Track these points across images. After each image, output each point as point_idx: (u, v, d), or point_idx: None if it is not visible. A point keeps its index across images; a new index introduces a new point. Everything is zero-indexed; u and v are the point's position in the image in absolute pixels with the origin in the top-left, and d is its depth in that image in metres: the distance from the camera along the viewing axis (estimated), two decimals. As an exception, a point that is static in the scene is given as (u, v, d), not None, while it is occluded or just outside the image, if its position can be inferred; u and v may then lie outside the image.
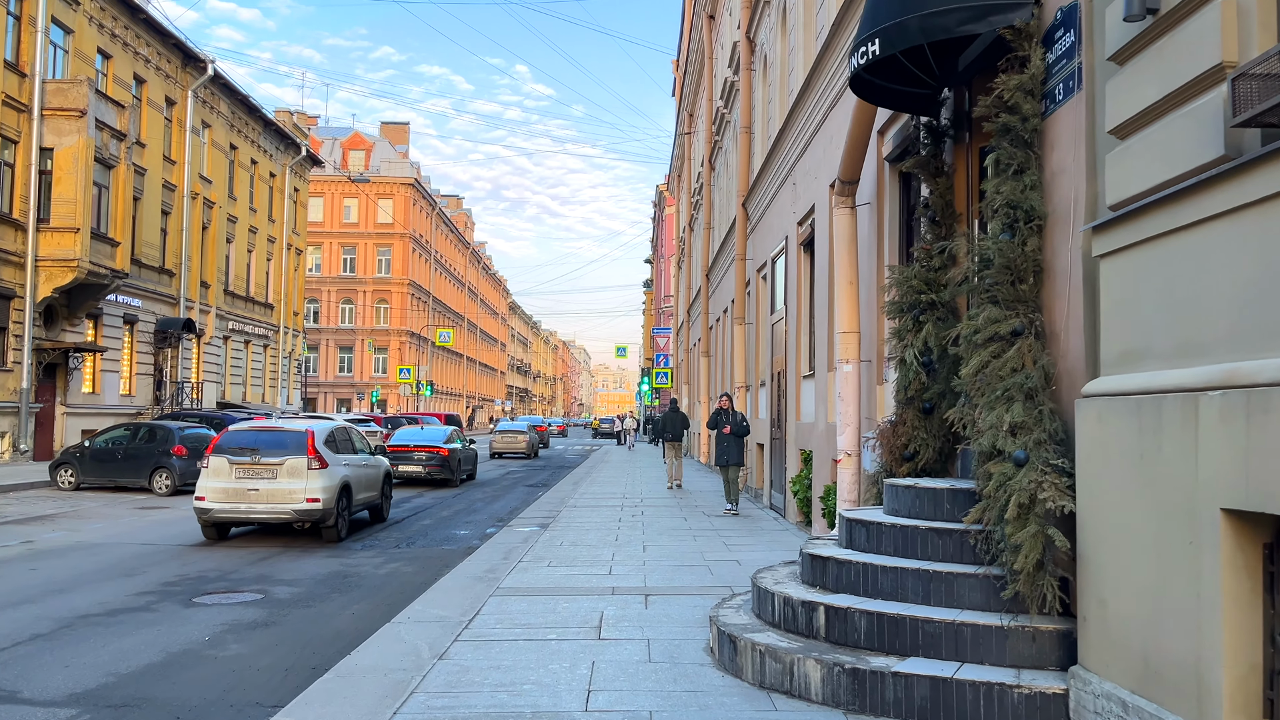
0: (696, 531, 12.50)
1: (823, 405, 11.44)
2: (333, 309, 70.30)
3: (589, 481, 21.73)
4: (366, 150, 74.23)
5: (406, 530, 14.32)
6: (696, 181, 32.36)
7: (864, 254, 9.38)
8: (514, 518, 15.29)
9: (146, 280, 31.75)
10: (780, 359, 14.72)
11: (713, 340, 27.01)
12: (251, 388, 41.50)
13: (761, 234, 17.07)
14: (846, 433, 9.07)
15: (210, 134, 36.59)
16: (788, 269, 14.06)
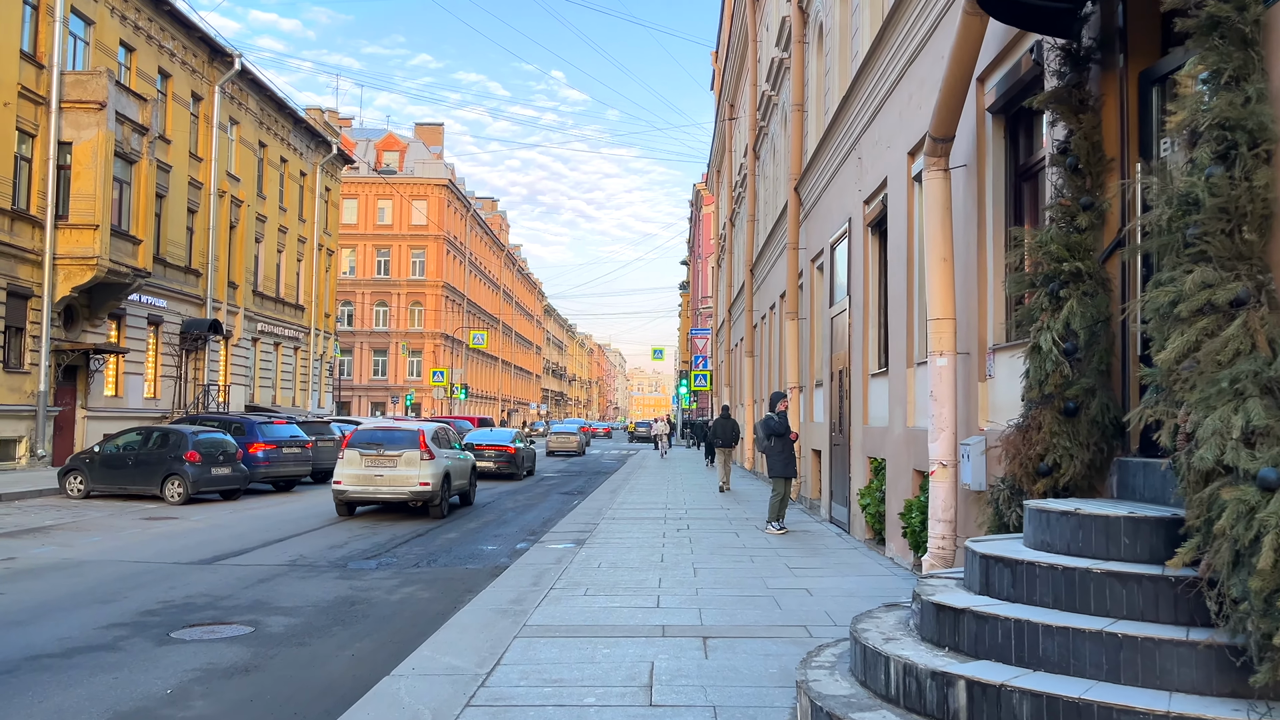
0: (752, 551, 11.02)
1: (900, 407, 9.92)
2: (367, 311, 69.59)
3: (627, 490, 20.31)
4: (401, 151, 73.53)
5: (432, 543, 12.99)
6: (738, 174, 30.86)
7: (958, 226, 7.87)
8: (547, 530, 13.90)
9: (172, 280, 30.85)
10: (842, 356, 13.21)
11: (757, 339, 25.48)
12: (281, 390, 40.60)
13: (817, 220, 15.56)
14: (941, 439, 7.56)
15: (238, 131, 35.71)
16: (851, 254, 12.55)
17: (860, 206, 12.05)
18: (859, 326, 12.08)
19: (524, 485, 24.73)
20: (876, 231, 11.74)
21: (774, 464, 13.13)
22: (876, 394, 11.42)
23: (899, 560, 9.86)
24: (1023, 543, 4.83)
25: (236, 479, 18.43)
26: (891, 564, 9.95)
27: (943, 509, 7.58)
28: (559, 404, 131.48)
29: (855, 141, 12.34)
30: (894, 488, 10.11)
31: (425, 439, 16.22)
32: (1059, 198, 5.50)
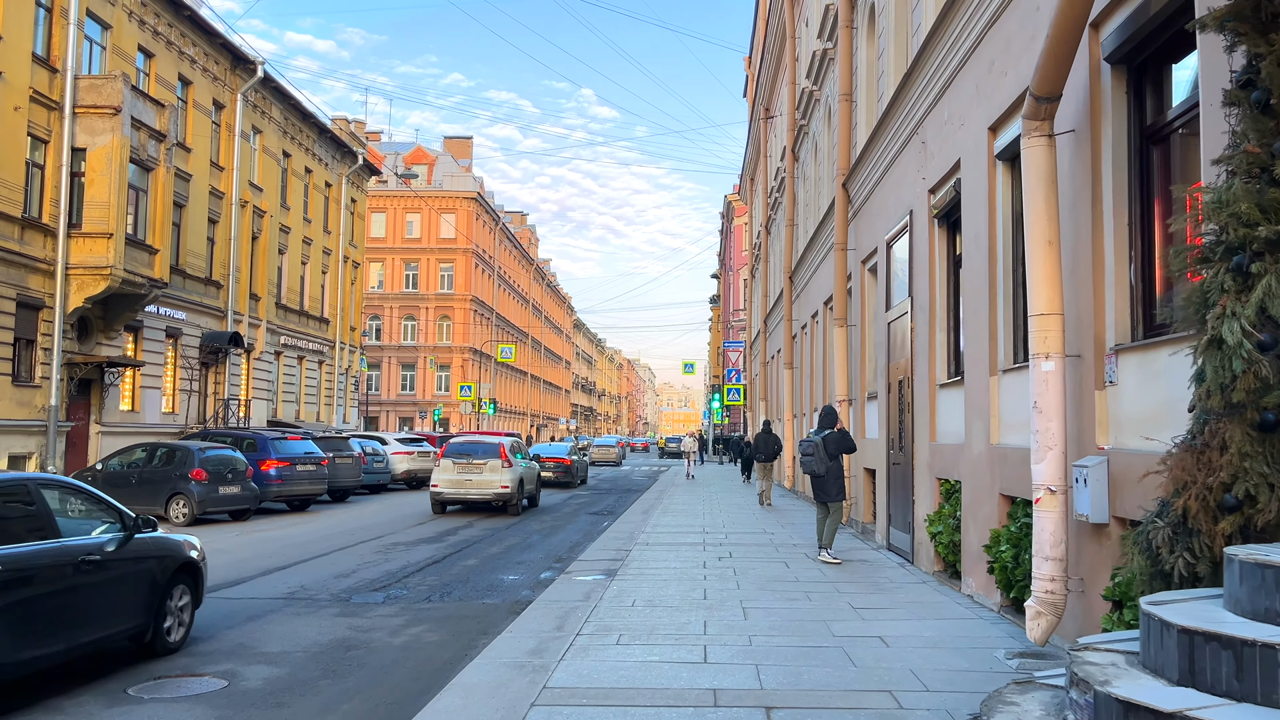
0: (807, 585, 9.69)
1: (980, 421, 8.58)
2: (395, 326, 68.93)
3: (660, 510, 19.01)
4: (429, 164, 72.96)
5: (448, 571, 11.77)
6: (774, 179, 29.59)
7: (1065, 204, 6.56)
8: (575, 557, 12.65)
9: (191, 292, 30.03)
10: (902, 365, 11.87)
11: (797, 350, 24.14)
12: (306, 405, 39.74)
13: (869, 217, 14.26)
14: (1048, 460, 6.23)
15: (261, 140, 34.97)
16: (913, 251, 11.23)
17: (924, 197, 10.74)
18: (924, 331, 10.75)
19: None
20: (944, 223, 10.42)
21: (829, 486, 11.75)
22: (947, 407, 10.07)
23: (981, 599, 8.49)
24: (1224, 605, 3.50)
25: (246, 498, 17.36)
26: (972, 603, 8.59)
27: (1050, 545, 6.23)
28: (588, 419, 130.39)
29: (917, 125, 11.04)
30: (973, 515, 8.75)
31: (505, 450, 19.57)
32: (1241, 144, 4.18)
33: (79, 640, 6.44)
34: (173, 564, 7.59)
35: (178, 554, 7.72)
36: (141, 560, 7.20)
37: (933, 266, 10.56)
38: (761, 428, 22.23)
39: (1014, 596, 7.50)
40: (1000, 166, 8.32)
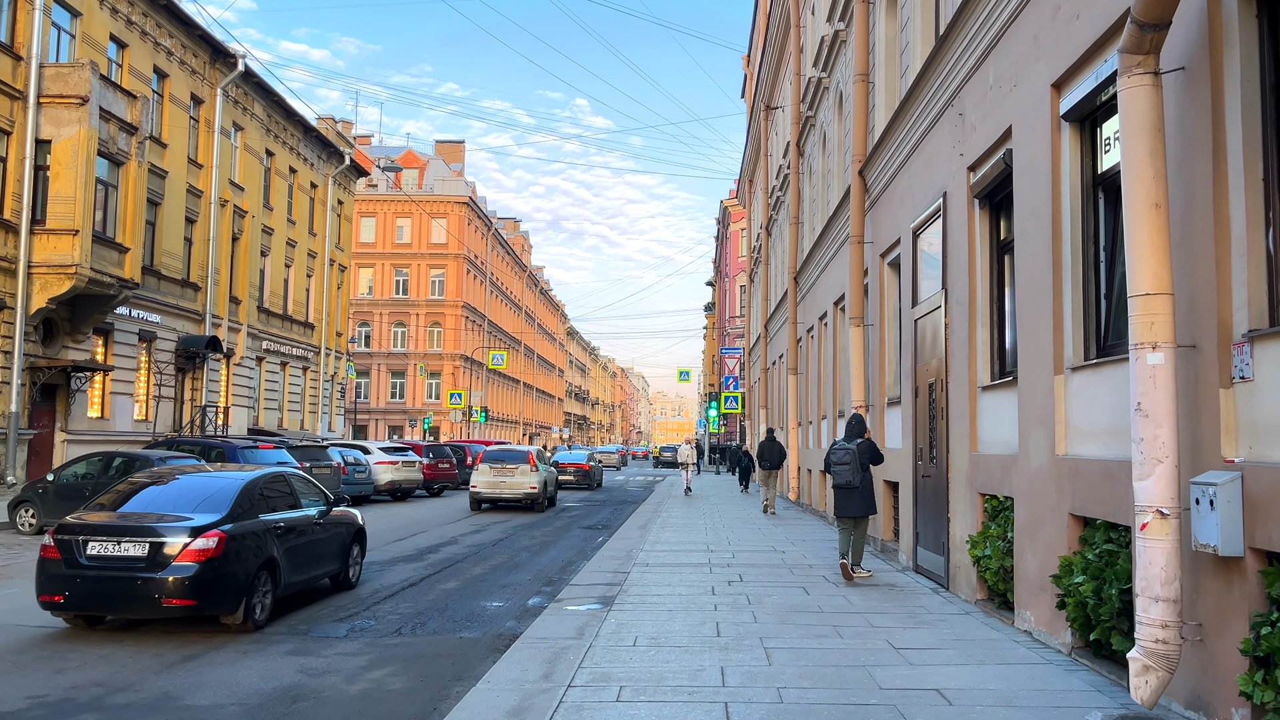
0: (833, 617, 8.42)
1: (1041, 428, 7.33)
2: (384, 332, 67.58)
3: (659, 525, 17.72)
4: (420, 168, 71.76)
5: (424, 595, 10.46)
6: (777, 178, 28.41)
7: (1173, 159, 5.33)
8: (567, 580, 11.37)
9: (167, 294, 28.72)
10: (932, 366, 10.63)
11: (802, 354, 22.90)
12: (289, 413, 38.39)
13: (889, 205, 13.04)
14: (1157, 475, 4.99)
15: (243, 137, 33.70)
16: (948, 238, 10.00)
17: (961, 175, 9.52)
18: (961, 327, 9.51)
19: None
20: (987, 204, 9.19)
21: (860, 499, 10.54)
22: (991, 412, 8.82)
23: (1043, 637, 7.23)
24: None
25: (211, 512, 15.98)
26: (1032, 641, 7.32)
27: (1161, 582, 4.98)
28: (581, 428, 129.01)
29: (953, 96, 9.82)
30: (1030, 538, 7.49)
31: (534, 458, 23.38)
32: None
33: (312, 574, 10.05)
34: (352, 529, 11.12)
35: (355, 522, 11.23)
36: (338, 525, 10.72)
37: (972, 254, 9.32)
38: (765, 436, 21.95)
39: (1094, 638, 6.24)
40: (1067, 130, 7.09)
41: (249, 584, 8.56)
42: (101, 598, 8.24)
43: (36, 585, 8.35)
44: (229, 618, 8.46)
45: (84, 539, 8.24)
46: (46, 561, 8.32)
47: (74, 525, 8.40)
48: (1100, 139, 6.86)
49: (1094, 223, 6.89)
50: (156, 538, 8.19)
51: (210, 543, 8.21)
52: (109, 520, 8.51)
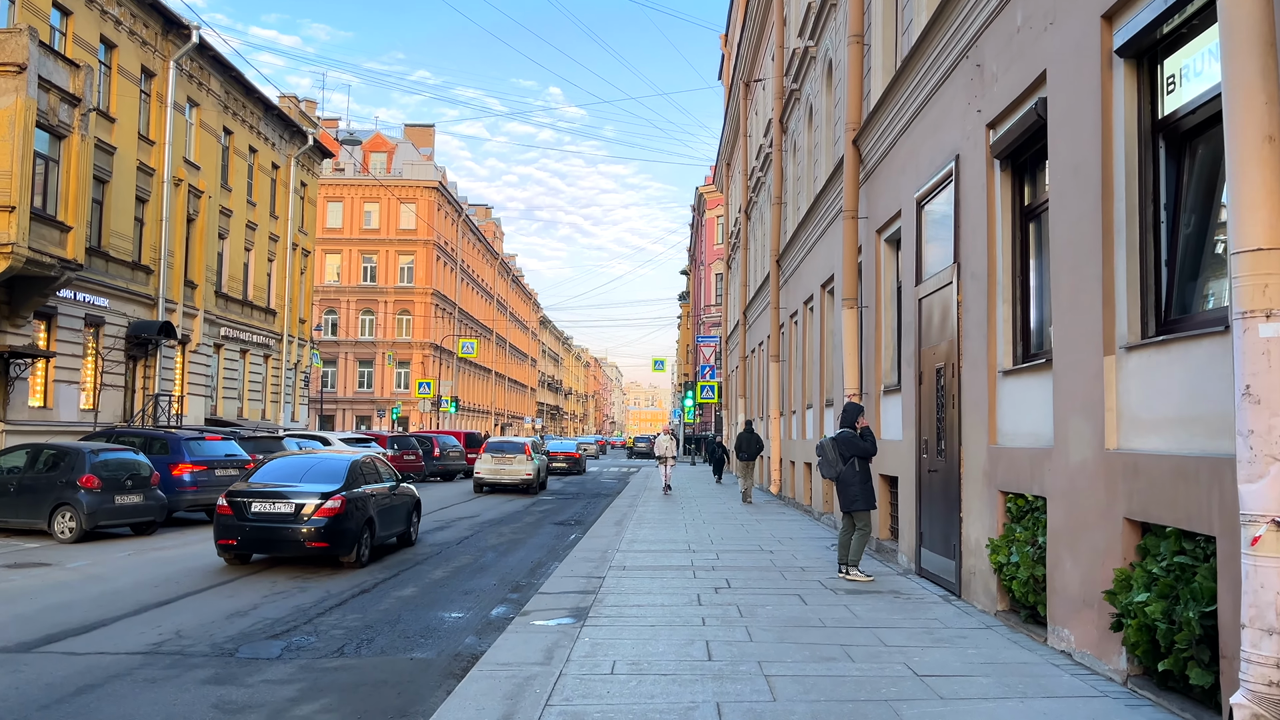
0: (839, 633, 7.38)
1: (1086, 418, 6.32)
2: (352, 320, 65.99)
3: (635, 521, 16.66)
4: (389, 152, 70.11)
5: (374, 606, 9.33)
6: (758, 158, 27.36)
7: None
8: (536, 585, 10.29)
9: (116, 276, 27.20)
10: (940, 349, 9.61)
11: (785, 341, 21.89)
12: (249, 402, 36.90)
13: (889, 175, 12.00)
14: (1273, 475, 3.97)
15: (198, 114, 32.13)
16: (961, 205, 8.97)
17: (979, 134, 8.48)
18: (977, 305, 8.49)
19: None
20: (1009, 164, 8.16)
21: (853, 494, 9.70)
22: (1016, 399, 7.81)
23: (1089, 660, 6.23)
24: None
25: (150, 509, 14.78)
26: (1073, 664, 6.32)
27: (1277, 611, 3.96)
28: (554, 418, 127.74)
29: (967, 46, 8.77)
30: (1071, 544, 6.49)
31: (529, 449, 27.48)
32: None
33: (392, 531, 13.41)
34: (414, 500, 14.59)
35: (415, 495, 14.74)
36: (405, 496, 14.08)
37: (991, 221, 8.29)
38: (743, 427, 22.57)
39: (1164, 668, 5.22)
40: (1121, 68, 6.05)
41: (359, 534, 12.00)
42: (262, 542, 11.71)
43: (215, 533, 11.89)
44: (346, 557, 11.90)
45: (249, 501, 11.70)
46: (222, 517, 11.73)
47: (241, 491, 11.94)
48: (1161, 78, 5.84)
49: (1153, 177, 5.87)
50: (300, 499, 11.68)
51: (336, 504, 11.68)
52: (265, 487, 11.98)
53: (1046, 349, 7.39)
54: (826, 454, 10.00)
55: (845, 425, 10.02)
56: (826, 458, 10.01)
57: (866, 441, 9.89)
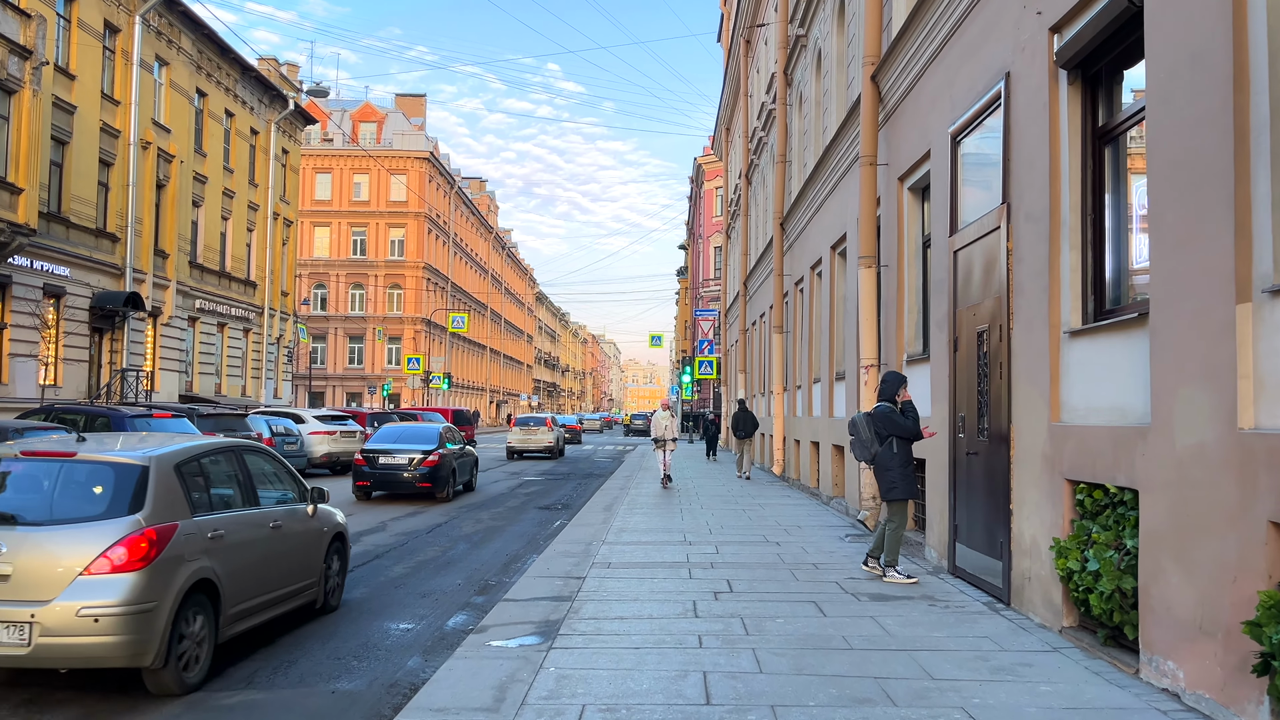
0: (870, 659, 5.89)
1: (1199, 387, 4.81)
2: (341, 294, 64.33)
3: (626, 505, 15.18)
4: (378, 122, 68.19)
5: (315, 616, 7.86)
6: (759, 117, 25.69)
7: None
8: (508, 584, 8.82)
9: (78, 244, 25.60)
10: (986, 307, 8.06)
11: (790, 310, 20.35)
12: (228, 378, 35.40)
13: (915, 112, 10.42)
14: None
15: (168, 73, 30.40)
16: (1014, 133, 7.40)
17: (1038, 43, 6.90)
18: (1035, 252, 6.94)
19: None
20: (1082, 74, 6.58)
21: (890, 479, 8.23)
22: (1090, 365, 6.28)
23: (1206, 705, 4.73)
24: None
25: (85, 495, 13.21)
26: (1182, 708, 4.83)
27: None
28: (552, 395, 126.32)
29: (1023, -63, 7.17)
30: (1179, 553, 4.98)
31: (550, 422, 34.94)
32: None
33: (463, 480, 18.96)
34: (475, 458, 20.29)
35: (475, 455, 20.52)
36: (471, 455, 19.58)
37: (1054, 148, 6.73)
38: (737, 405, 22.81)
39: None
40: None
41: (448, 478, 17.45)
42: (386, 484, 16.89)
43: (353, 477, 17.36)
44: (440, 494, 17.21)
45: (376, 455, 17.23)
46: (359, 466, 17.11)
47: (372, 449, 17.47)
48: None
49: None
50: (410, 454, 17.03)
51: (434, 456, 17.07)
52: (384, 446, 17.45)
53: (1136, 300, 5.86)
54: (860, 432, 8.50)
55: (884, 399, 8.51)
56: (860, 437, 8.52)
57: (908, 418, 8.38)
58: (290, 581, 7.21)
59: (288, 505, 7.50)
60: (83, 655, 5.39)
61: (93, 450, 6.22)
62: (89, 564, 5.39)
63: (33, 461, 6.13)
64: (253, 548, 6.67)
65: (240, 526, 6.56)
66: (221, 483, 6.75)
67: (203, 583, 5.92)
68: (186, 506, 6.04)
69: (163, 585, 5.57)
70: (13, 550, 5.41)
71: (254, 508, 6.93)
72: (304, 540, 7.53)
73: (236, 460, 7.04)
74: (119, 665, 5.47)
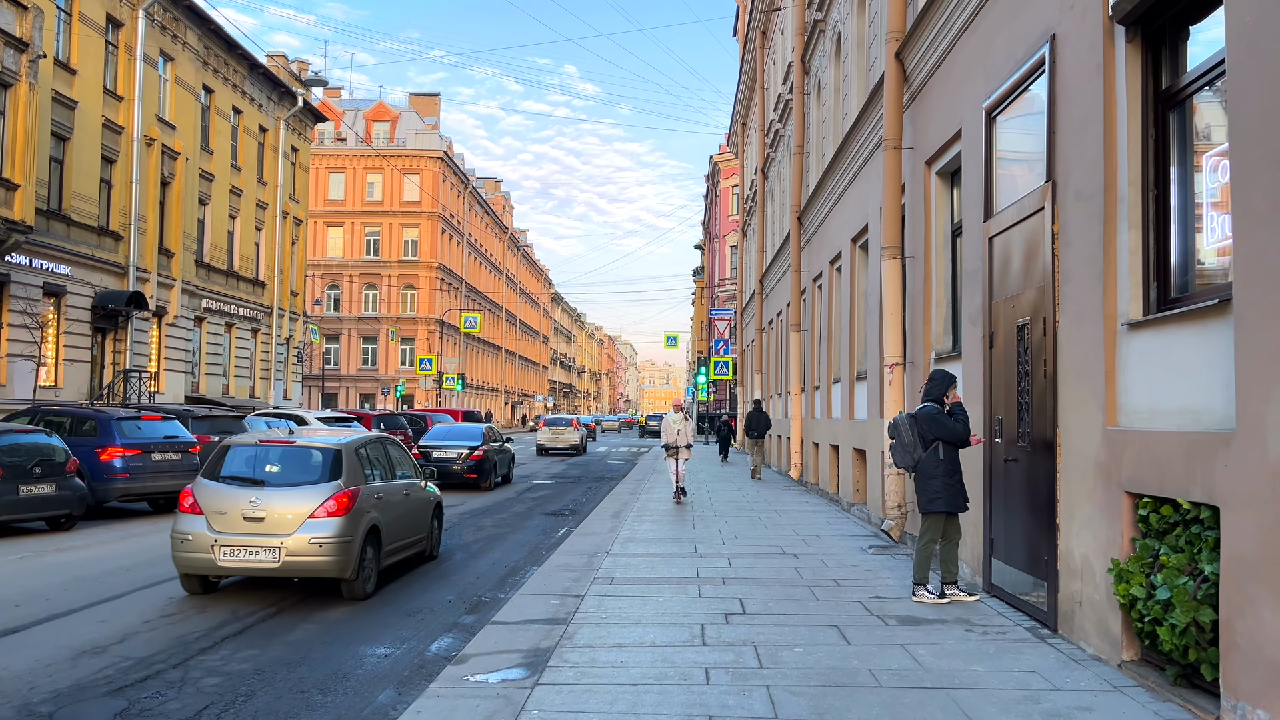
0: (899, 696, 5.13)
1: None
2: (355, 295, 63.87)
3: (635, 513, 14.43)
4: (392, 121, 67.74)
5: (279, 638, 7.15)
6: (776, 110, 24.90)
7: None
8: (503, 600, 8.10)
9: (80, 243, 25.09)
10: (1029, 297, 7.26)
11: (808, 308, 19.56)
12: (236, 379, 34.87)
13: (944, 89, 9.63)
14: None
15: (173, 69, 29.90)
16: (1061, 101, 6.61)
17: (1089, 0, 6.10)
18: (1087, 233, 6.15)
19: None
20: (1142, 31, 5.78)
21: (933, 490, 7.44)
22: (1153, 360, 5.49)
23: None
24: None
25: (65, 500, 12.64)
26: (1281, 772, 4.04)
27: None
28: (567, 396, 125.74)
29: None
30: (1276, 582, 4.18)
31: (576, 422, 39.16)
32: None
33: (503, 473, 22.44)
34: (512, 454, 24.25)
35: (512, 452, 24.60)
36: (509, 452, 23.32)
37: (1110, 116, 5.94)
38: (752, 406, 23.14)
39: None
40: None
41: (491, 470, 20.51)
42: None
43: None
44: (484, 484, 20.09)
45: (431, 449, 19.97)
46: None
47: (426, 444, 20.35)
48: None
49: None
50: (458, 450, 20.00)
51: (478, 452, 20.01)
52: (437, 442, 20.52)
53: (1213, 285, 5.07)
54: (901, 435, 7.67)
55: (930, 399, 7.69)
56: (901, 440, 7.67)
57: (958, 421, 7.55)
58: (415, 534, 10.22)
59: (411, 480, 10.40)
60: (311, 569, 8.29)
61: (304, 439, 9.16)
62: (313, 510, 8.30)
63: (267, 446, 8.99)
64: (396, 507, 9.60)
65: (389, 492, 9.52)
66: (377, 463, 9.62)
67: (373, 527, 8.84)
68: (363, 477, 8.99)
69: (354, 526, 8.46)
70: (265, 502, 8.37)
71: (395, 480, 9.87)
72: (422, 505, 10.58)
73: (383, 447, 10.11)
74: (330, 576, 8.41)
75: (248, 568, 8.22)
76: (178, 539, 8.30)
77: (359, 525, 8.45)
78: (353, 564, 8.32)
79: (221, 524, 8.25)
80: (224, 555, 8.16)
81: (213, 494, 8.44)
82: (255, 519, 8.23)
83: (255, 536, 8.20)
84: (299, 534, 8.14)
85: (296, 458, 8.81)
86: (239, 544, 8.18)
